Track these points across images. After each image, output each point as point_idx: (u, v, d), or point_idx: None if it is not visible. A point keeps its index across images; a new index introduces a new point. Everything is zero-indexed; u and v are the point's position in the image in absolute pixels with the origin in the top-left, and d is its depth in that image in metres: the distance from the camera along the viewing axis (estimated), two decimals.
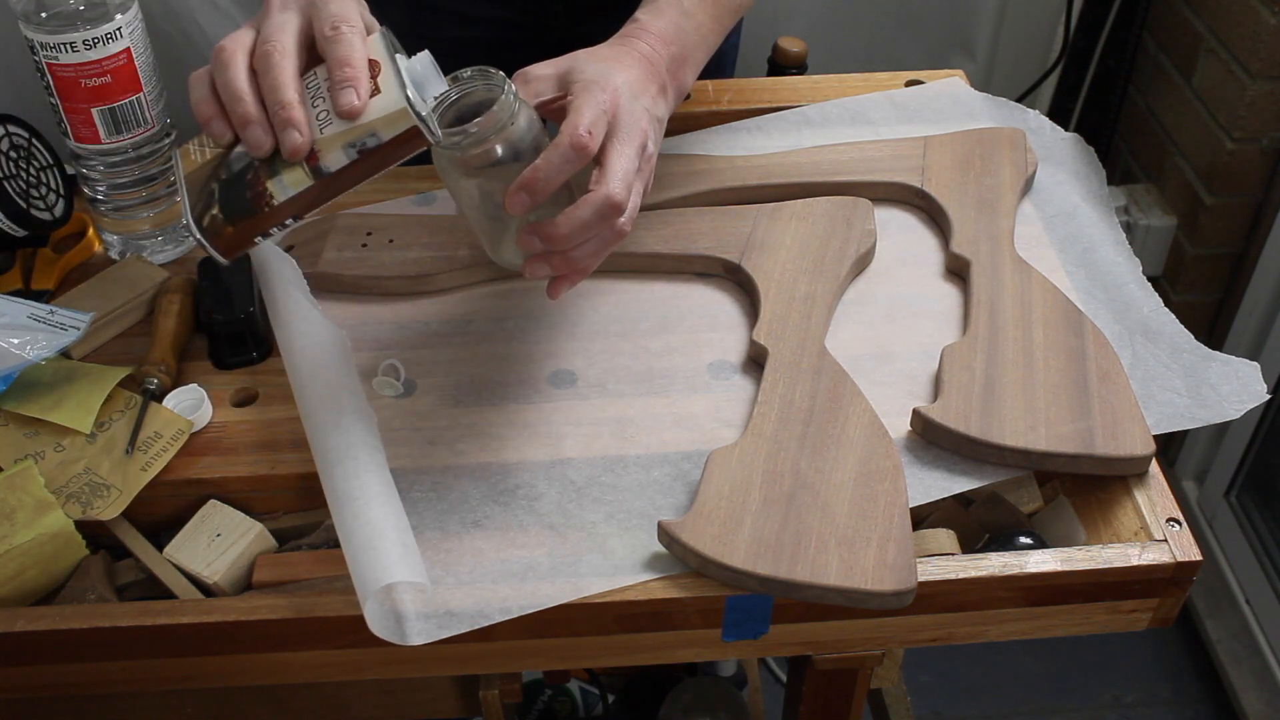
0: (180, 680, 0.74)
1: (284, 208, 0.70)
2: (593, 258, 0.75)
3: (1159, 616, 0.75)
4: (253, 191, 0.70)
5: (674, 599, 0.71)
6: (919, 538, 0.75)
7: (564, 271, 0.75)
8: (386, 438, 0.79)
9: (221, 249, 0.71)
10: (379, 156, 0.70)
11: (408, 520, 0.73)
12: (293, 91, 0.70)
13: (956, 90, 1.07)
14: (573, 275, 0.76)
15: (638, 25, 0.85)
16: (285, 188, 0.70)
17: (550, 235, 0.72)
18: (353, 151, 0.70)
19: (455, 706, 0.89)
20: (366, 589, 0.67)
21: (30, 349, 0.81)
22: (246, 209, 0.70)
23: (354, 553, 0.70)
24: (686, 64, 0.86)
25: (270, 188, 0.70)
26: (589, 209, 0.72)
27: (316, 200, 0.70)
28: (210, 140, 0.73)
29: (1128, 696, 1.69)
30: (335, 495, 0.73)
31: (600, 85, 0.76)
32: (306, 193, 0.70)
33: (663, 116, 0.82)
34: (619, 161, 0.73)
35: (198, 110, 0.72)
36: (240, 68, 0.71)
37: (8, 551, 0.73)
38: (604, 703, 1.37)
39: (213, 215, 0.71)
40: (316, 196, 0.70)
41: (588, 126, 0.73)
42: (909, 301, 0.89)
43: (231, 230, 0.70)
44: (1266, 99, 1.51)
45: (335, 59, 0.71)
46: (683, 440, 0.79)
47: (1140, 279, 0.90)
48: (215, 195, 0.71)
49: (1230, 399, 0.80)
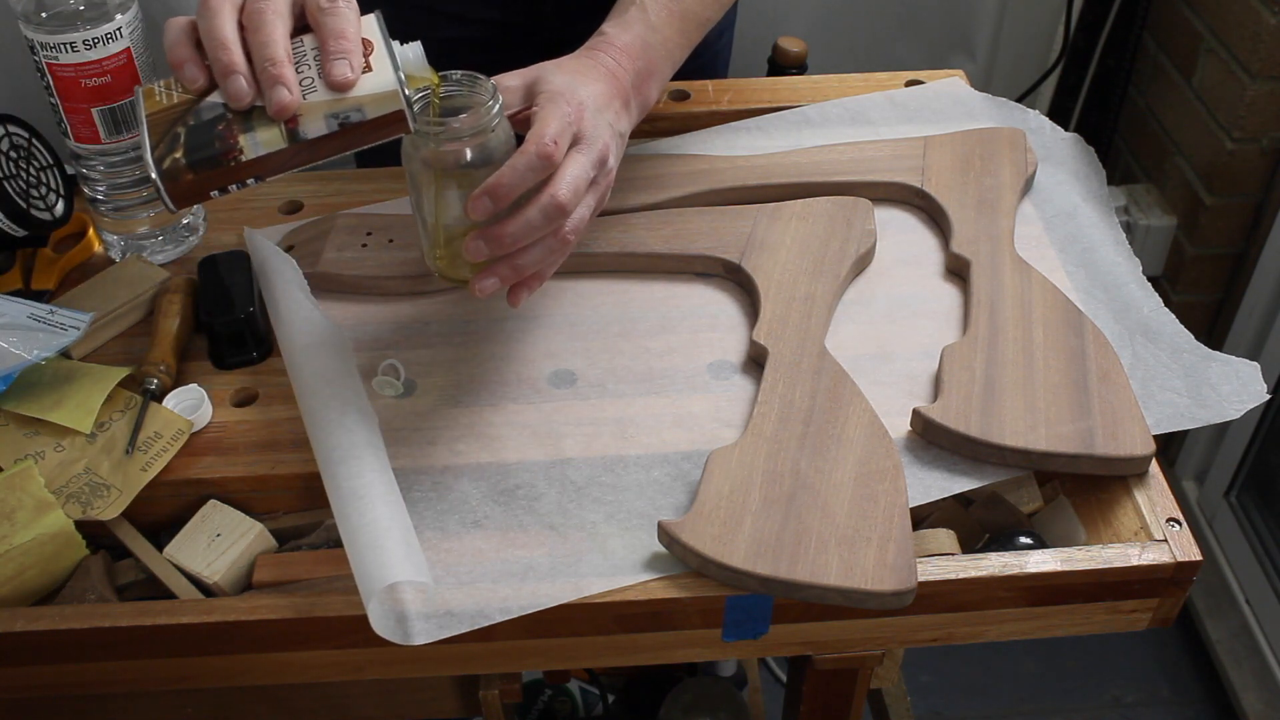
0: (180, 680, 0.74)
1: (252, 165, 0.69)
2: (540, 264, 0.75)
3: (1159, 616, 0.75)
4: (222, 143, 0.69)
5: (674, 599, 0.71)
6: (919, 538, 0.75)
7: (511, 279, 0.75)
8: (386, 438, 0.79)
9: (176, 195, 0.70)
10: (358, 133, 0.70)
11: (410, 520, 0.74)
12: (283, 50, 0.70)
13: (956, 90, 1.07)
14: (528, 282, 0.76)
15: (604, 39, 0.85)
16: (258, 144, 0.69)
17: (496, 236, 0.73)
18: (334, 123, 0.69)
19: (455, 706, 0.89)
20: (370, 588, 0.67)
21: (30, 349, 0.81)
22: (212, 159, 0.69)
23: (358, 552, 0.70)
24: (651, 79, 0.86)
25: (242, 142, 0.69)
26: (535, 209, 0.73)
27: (284, 165, 0.70)
28: (180, 86, 0.72)
29: (1128, 696, 1.69)
30: (339, 494, 0.73)
31: (566, 97, 0.76)
32: (278, 154, 0.69)
33: (625, 132, 0.83)
34: (572, 168, 0.74)
35: (172, 53, 0.71)
36: (228, 18, 0.71)
37: (8, 551, 0.73)
38: (604, 703, 1.37)
39: (174, 159, 0.69)
40: (286, 161, 0.70)
41: (553, 136, 0.73)
42: (909, 301, 0.89)
43: (191, 178, 0.69)
44: (1266, 99, 1.51)
45: (330, 30, 0.71)
46: (683, 440, 0.79)
47: (1140, 279, 0.90)
48: (180, 140, 0.70)
49: (1230, 399, 0.80)
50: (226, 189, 0.70)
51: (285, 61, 0.69)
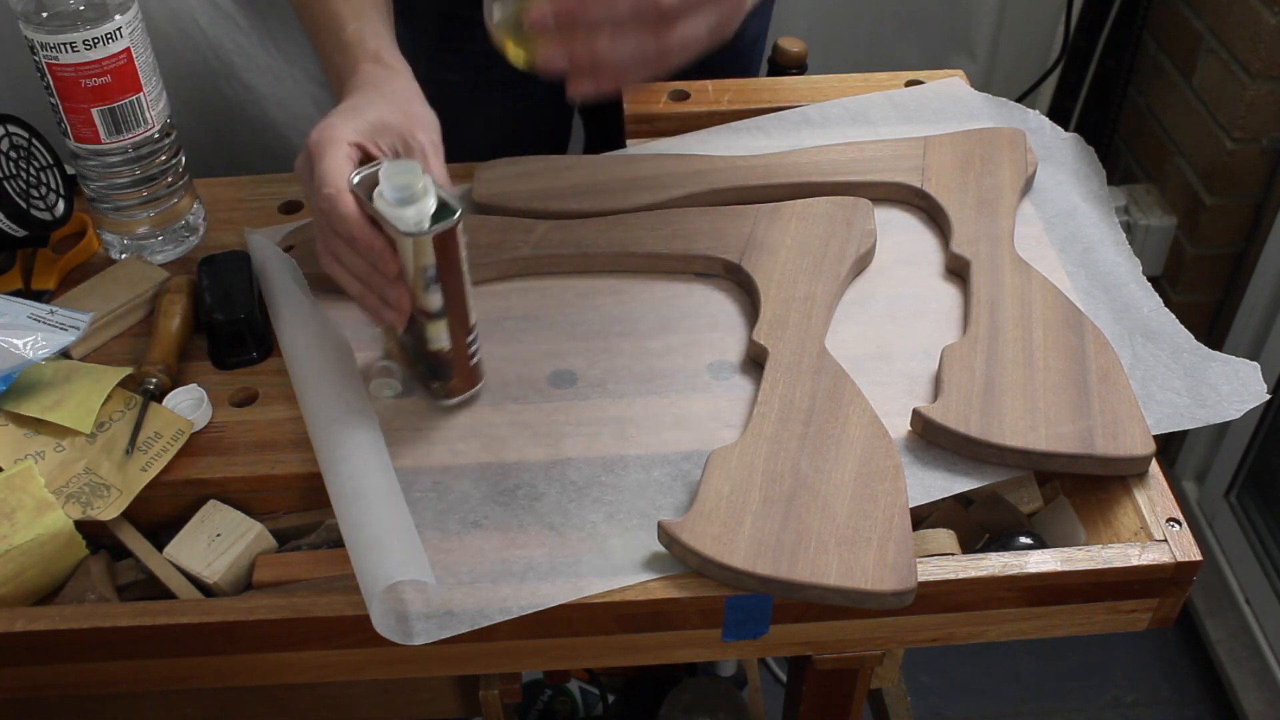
0: (180, 680, 0.74)
1: (455, 341, 0.77)
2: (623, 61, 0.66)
3: (1159, 616, 0.75)
4: (430, 354, 0.78)
5: (674, 599, 0.71)
6: (919, 538, 0.75)
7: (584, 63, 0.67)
8: (386, 438, 0.79)
9: (464, 390, 0.80)
10: (449, 266, 0.73)
11: (412, 519, 0.74)
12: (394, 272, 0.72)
13: (956, 90, 1.07)
14: (603, 72, 0.67)
15: None
16: (440, 337, 0.77)
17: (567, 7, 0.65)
18: (434, 285, 0.73)
19: (455, 706, 0.89)
20: (372, 588, 0.67)
21: (30, 349, 0.81)
22: (442, 368, 0.79)
23: (360, 552, 0.70)
24: None
25: (434, 345, 0.77)
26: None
27: (460, 313, 0.76)
28: None
29: (1128, 696, 1.69)
30: (341, 495, 0.73)
31: None
32: (450, 324, 0.76)
33: None
34: None
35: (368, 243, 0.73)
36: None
37: (8, 551, 0.73)
38: (604, 703, 1.37)
39: (437, 385, 0.80)
40: (455, 315, 0.76)
41: None
42: (909, 301, 0.89)
43: (456, 381, 0.80)
44: (1266, 99, 1.51)
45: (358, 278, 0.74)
46: (683, 440, 0.79)
47: (1140, 279, 0.90)
48: (424, 373, 0.81)
49: (1230, 399, 0.80)
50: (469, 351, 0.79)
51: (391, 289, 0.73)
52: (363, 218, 0.72)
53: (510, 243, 0.92)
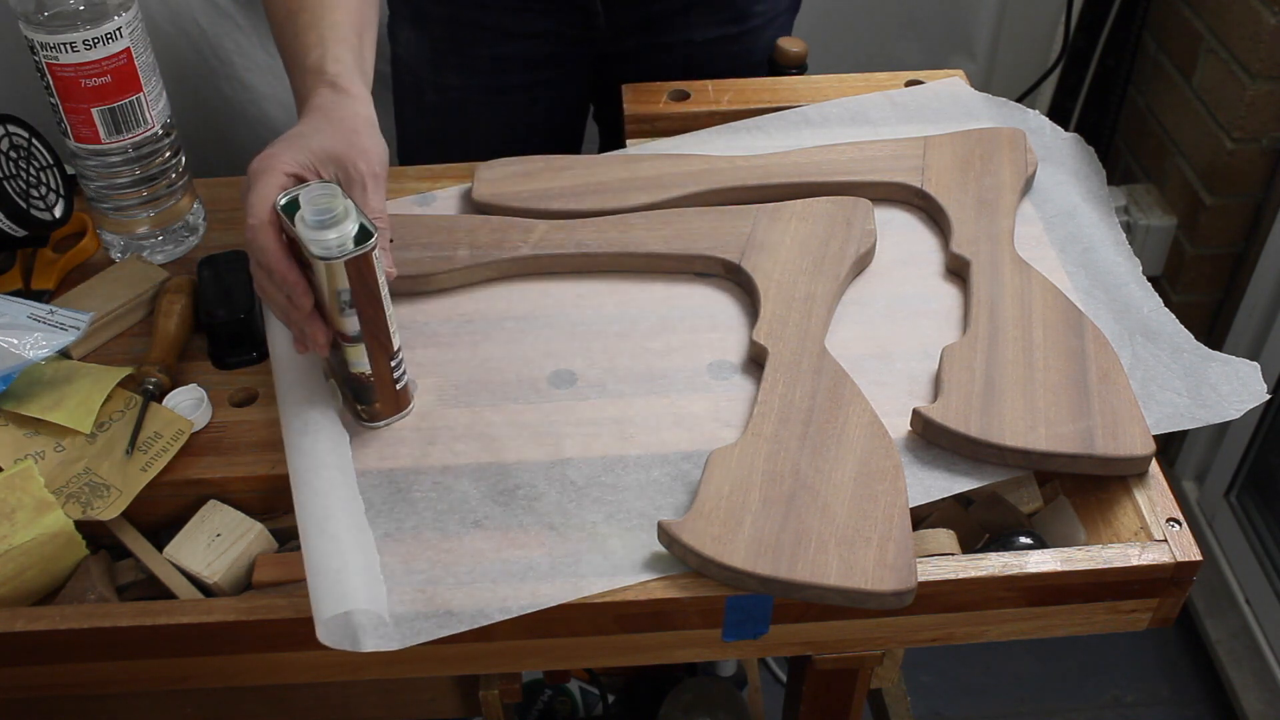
0: (180, 680, 0.74)
1: (376, 366, 0.77)
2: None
3: (1159, 616, 0.75)
4: (353, 377, 0.78)
5: (674, 599, 0.71)
6: (919, 538, 0.75)
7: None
8: (387, 437, 0.79)
9: (389, 414, 0.80)
10: (364, 291, 0.74)
11: (372, 538, 0.73)
12: (307, 308, 0.75)
13: (956, 90, 1.07)
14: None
15: None
16: (360, 361, 0.77)
17: None
18: (349, 309, 0.74)
19: (455, 706, 0.89)
20: (321, 613, 0.67)
21: (30, 349, 0.81)
22: (365, 391, 0.79)
23: (314, 576, 0.70)
24: None
25: (355, 369, 0.77)
26: None
27: (380, 338, 0.76)
28: None
29: (1128, 696, 1.69)
30: (301, 513, 0.74)
31: None
32: (369, 348, 0.76)
33: None
34: None
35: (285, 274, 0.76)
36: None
37: (8, 551, 0.73)
38: (604, 703, 1.37)
39: (362, 408, 0.80)
40: (374, 339, 0.76)
41: None
42: (909, 301, 0.89)
43: (380, 405, 0.80)
44: (1266, 99, 1.51)
45: (279, 307, 0.76)
46: (683, 440, 0.79)
47: (1140, 279, 0.90)
48: (349, 395, 0.80)
49: (1230, 399, 0.80)
50: (396, 374, 0.79)
51: (308, 319, 0.75)
52: (280, 250, 0.74)
53: (510, 243, 0.92)
